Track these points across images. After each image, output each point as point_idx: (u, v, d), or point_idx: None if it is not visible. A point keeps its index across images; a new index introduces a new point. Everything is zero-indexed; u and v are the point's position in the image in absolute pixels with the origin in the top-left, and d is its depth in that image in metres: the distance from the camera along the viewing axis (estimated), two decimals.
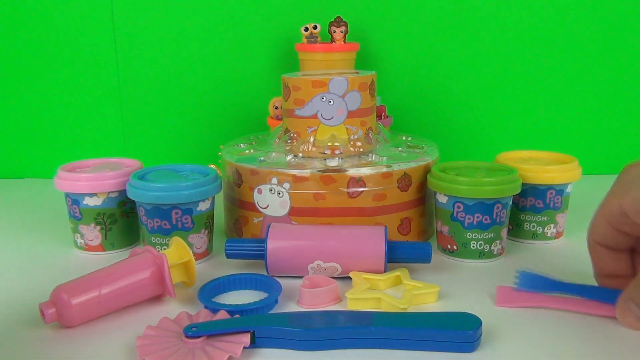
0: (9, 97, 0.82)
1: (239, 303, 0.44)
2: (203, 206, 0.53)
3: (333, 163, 0.55)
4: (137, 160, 0.61)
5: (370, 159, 0.57)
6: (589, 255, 0.44)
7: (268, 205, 0.55)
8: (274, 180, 0.54)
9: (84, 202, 0.55)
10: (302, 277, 0.48)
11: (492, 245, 0.53)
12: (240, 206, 0.57)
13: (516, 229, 0.59)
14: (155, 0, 0.78)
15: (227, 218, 0.61)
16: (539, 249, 0.57)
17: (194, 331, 0.38)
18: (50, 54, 0.80)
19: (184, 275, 0.47)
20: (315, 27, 0.72)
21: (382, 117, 0.73)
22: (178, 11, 0.79)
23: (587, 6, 0.78)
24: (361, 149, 0.57)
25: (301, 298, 0.46)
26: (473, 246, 0.53)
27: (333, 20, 0.72)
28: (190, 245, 0.53)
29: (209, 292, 0.46)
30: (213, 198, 0.55)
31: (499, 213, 0.52)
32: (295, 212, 0.54)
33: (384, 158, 0.57)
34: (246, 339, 0.38)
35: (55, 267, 0.54)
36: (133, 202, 0.56)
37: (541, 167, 0.57)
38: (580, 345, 0.38)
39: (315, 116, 0.57)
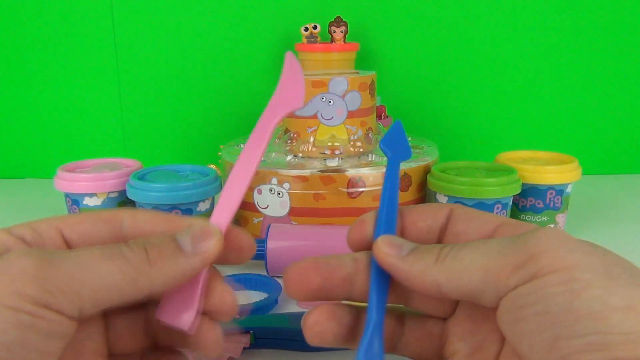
0: (9, 97, 0.82)
1: (239, 303, 0.44)
2: (203, 206, 0.53)
3: (333, 163, 0.55)
4: (137, 160, 0.61)
5: (370, 159, 0.57)
6: None
7: (268, 206, 0.55)
8: (274, 181, 0.54)
9: (84, 203, 0.55)
10: None
11: None
12: (240, 206, 0.57)
13: None
14: (155, 0, 0.78)
15: None
16: None
17: None
18: (50, 54, 0.80)
19: None
20: (315, 27, 0.72)
21: (382, 117, 0.73)
22: (178, 11, 0.79)
23: (587, 6, 0.78)
24: (361, 149, 0.57)
25: None
26: None
27: (333, 20, 0.72)
28: None
29: None
30: (213, 198, 0.55)
31: (499, 213, 0.52)
32: (295, 213, 0.54)
33: (384, 158, 0.57)
34: (246, 339, 0.38)
35: None
36: (133, 202, 0.56)
37: (541, 167, 0.57)
38: None
39: (315, 116, 0.57)
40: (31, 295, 0.19)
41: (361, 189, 0.53)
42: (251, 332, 0.38)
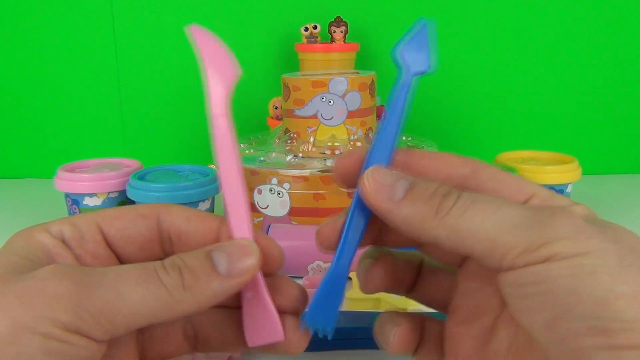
0: (8, 97, 0.82)
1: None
2: (203, 206, 0.53)
3: (333, 163, 0.55)
4: (137, 160, 0.61)
5: None
6: None
7: (268, 206, 0.55)
8: (274, 181, 0.54)
9: (84, 202, 0.55)
10: (302, 277, 0.48)
11: None
12: None
13: None
14: (155, 0, 0.78)
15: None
16: None
17: None
18: (50, 54, 0.80)
19: None
20: (315, 27, 0.72)
21: (382, 117, 0.73)
22: (178, 11, 0.79)
23: (587, 6, 0.78)
24: None
25: None
26: None
27: (333, 20, 0.72)
28: None
29: None
30: (213, 198, 0.55)
31: None
32: (295, 212, 0.54)
33: None
34: None
35: None
36: (133, 202, 0.56)
37: (541, 167, 0.57)
38: None
39: (315, 116, 0.57)
40: (63, 321, 0.19)
41: None
42: None
